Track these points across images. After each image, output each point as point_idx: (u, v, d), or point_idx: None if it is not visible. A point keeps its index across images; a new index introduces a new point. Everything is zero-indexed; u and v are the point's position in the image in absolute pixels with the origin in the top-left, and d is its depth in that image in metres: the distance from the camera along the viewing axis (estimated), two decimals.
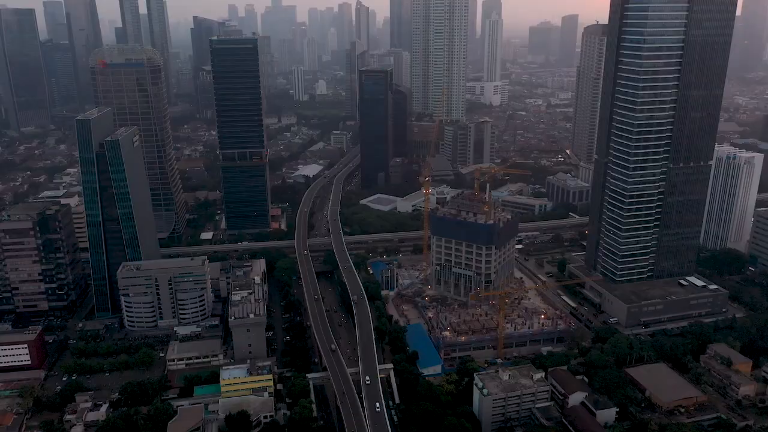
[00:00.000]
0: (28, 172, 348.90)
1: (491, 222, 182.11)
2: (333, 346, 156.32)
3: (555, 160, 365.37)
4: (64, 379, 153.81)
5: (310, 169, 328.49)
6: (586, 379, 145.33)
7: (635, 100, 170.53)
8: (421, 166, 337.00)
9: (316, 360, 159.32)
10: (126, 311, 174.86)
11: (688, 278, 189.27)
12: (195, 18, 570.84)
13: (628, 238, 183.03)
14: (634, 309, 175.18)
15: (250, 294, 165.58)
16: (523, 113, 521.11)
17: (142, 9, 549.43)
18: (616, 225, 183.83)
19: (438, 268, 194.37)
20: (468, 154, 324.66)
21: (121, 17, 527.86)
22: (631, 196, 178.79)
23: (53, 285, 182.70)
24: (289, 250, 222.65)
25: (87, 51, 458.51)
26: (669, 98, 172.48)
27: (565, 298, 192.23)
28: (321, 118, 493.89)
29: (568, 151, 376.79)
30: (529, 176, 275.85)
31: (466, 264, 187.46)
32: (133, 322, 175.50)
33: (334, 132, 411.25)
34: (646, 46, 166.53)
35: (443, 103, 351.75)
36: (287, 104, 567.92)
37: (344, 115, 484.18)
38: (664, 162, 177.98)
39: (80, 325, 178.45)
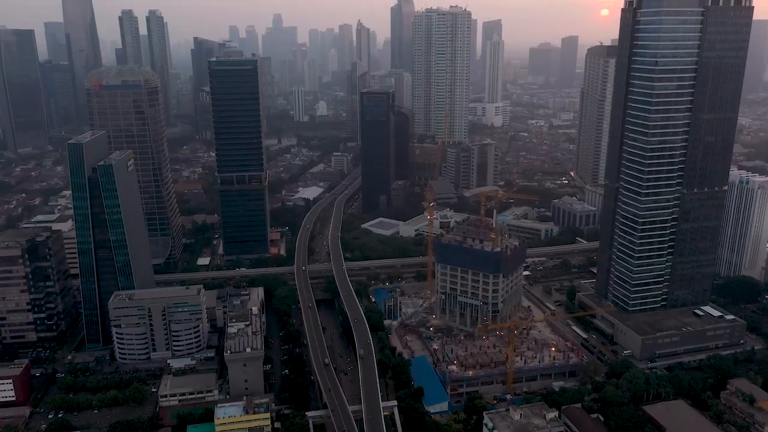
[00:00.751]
0: (23, 195, 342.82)
1: (498, 249, 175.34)
2: (326, 360, 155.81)
3: (559, 182, 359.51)
4: (50, 416, 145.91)
5: (311, 192, 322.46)
6: (601, 418, 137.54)
7: (647, 123, 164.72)
8: (423, 188, 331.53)
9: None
10: (117, 343, 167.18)
11: (703, 308, 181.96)
12: (195, 39, 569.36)
13: (640, 266, 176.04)
14: (649, 341, 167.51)
15: (247, 326, 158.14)
16: (525, 134, 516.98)
17: (143, 30, 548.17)
18: (629, 252, 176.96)
19: (443, 296, 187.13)
20: (471, 177, 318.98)
21: (121, 38, 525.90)
22: (644, 223, 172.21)
23: (42, 315, 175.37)
24: (289, 276, 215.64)
25: (86, 72, 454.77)
26: (682, 122, 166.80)
27: (575, 328, 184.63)
28: (321, 140, 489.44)
29: (572, 173, 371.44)
30: (537, 201, 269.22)
31: (472, 293, 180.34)
32: (124, 354, 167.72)
33: (335, 154, 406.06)
34: (658, 68, 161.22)
35: (447, 125, 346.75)
36: (287, 125, 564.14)
37: (345, 136, 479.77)
38: (677, 187, 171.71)
39: (69, 357, 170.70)
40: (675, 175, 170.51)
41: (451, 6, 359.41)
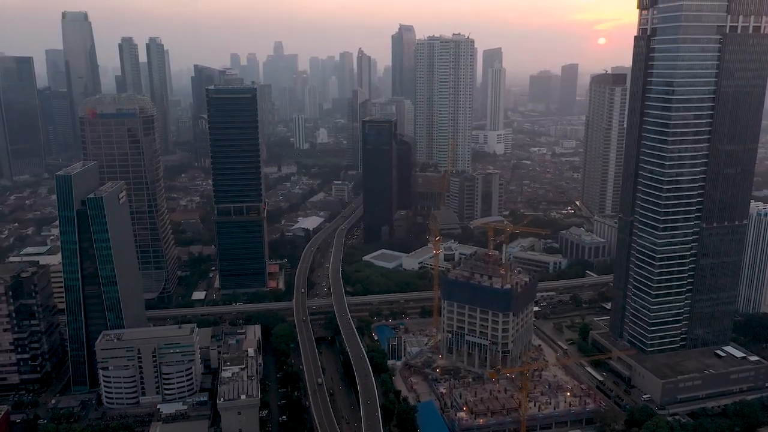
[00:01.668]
0: (16, 224, 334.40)
1: (508, 286, 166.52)
2: (320, 380, 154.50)
3: (565, 212, 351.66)
4: None
5: (310, 222, 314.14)
6: None
7: (664, 155, 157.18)
8: (425, 218, 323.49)
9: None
10: (104, 387, 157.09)
11: (725, 348, 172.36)
12: (196, 66, 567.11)
13: (658, 304, 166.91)
14: (670, 385, 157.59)
15: (242, 369, 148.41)
16: (528, 162, 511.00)
17: (143, 57, 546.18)
18: (645, 289, 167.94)
19: (449, 335, 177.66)
20: (475, 207, 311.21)
21: (121, 65, 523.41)
22: (662, 258, 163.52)
23: (26, 356, 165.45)
24: (287, 312, 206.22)
25: (85, 98, 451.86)
26: (700, 153, 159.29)
27: (589, 369, 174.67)
28: (322, 167, 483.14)
29: (577, 203, 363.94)
30: (547, 234, 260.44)
31: (480, 332, 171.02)
32: (112, 398, 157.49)
33: (336, 182, 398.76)
34: (675, 97, 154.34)
35: (452, 155, 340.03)
36: (287, 152, 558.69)
37: (345, 164, 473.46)
38: (696, 221, 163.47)
39: (53, 401, 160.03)
40: (693, 208, 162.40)
41: (453, 34, 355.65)
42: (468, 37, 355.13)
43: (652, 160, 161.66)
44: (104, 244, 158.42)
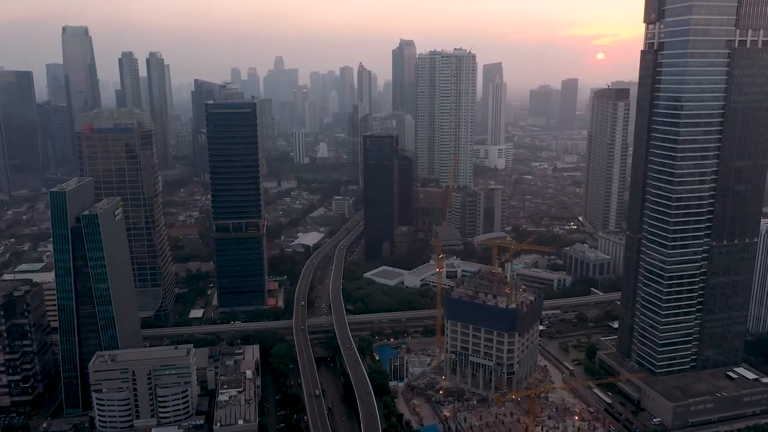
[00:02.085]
0: (13, 240, 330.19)
1: (514, 306, 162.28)
2: (317, 392, 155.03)
3: (568, 227, 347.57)
4: None
5: (311, 238, 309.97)
6: None
7: (673, 171, 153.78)
8: (427, 234, 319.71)
9: None
10: (98, 409, 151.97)
11: (736, 369, 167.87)
12: (196, 81, 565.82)
13: (667, 324, 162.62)
14: (681, 408, 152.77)
15: (240, 393, 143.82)
16: (530, 177, 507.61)
17: (143, 71, 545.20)
18: (654, 309, 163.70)
19: (453, 356, 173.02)
20: (478, 223, 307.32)
21: (120, 80, 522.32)
22: (671, 277, 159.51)
23: (17, 377, 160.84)
24: (286, 331, 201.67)
25: (83, 113, 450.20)
26: (709, 170, 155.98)
27: (597, 391, 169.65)
28: (322, 182, 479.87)
29: (580, 218, 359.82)
30: (554, 253, 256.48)
31: (485, 353, 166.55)
32: (105, 421, 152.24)
33: (336, 197, 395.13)
34: (683, 113, 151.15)
35: (454, 171, 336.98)
36: (287, 167, 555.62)
37: (346, 179, 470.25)
38: (705, 239, 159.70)
39: (45, 425, 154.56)
40: (703, 226, 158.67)
41: (455, 48, 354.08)
42: (470, 52, 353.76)
43: (660, 176, 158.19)
44: (99, 262, 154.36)
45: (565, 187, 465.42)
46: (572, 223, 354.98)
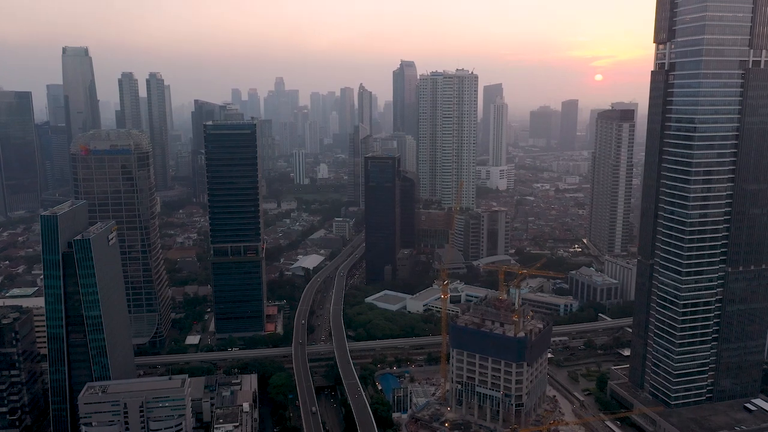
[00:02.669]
0: (7, 262, 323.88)
1: (522, 334, 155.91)
2: (314, 409, 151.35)
3: (572, 250, 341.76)
4: None
5: (311, 261, 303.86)
6: None
7: (687, 195, 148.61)
8: (429, 257, 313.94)
9: None
10: None
11: (754, 401, 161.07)
12: (196, 101, 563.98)
13: (683, 354, 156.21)
14: None
15: (236, 428, 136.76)
16: (532, 198, 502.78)
17: (143, 92, 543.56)
18: (669, 338, 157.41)
19: (459, 386, 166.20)
20: (481, 245, 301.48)
21: (120, 100, 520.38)
22: (686, 305, 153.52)
23: (4, 409, 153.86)
24: (285, 359, 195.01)
25: (78, 134, 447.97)
26: (724, 193, 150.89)
27: (609, 423, 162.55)
28: (322, 203, 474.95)
29: (585, 240, 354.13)
30: (561, 278, 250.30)
31: (492, 383, 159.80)
32: None
33: (336, 219, 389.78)
34: (697, 135, 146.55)
35: (459, 195, 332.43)
36: (287, 188, 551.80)
37: (346, 200, 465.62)
38: (720, 265, 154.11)
39: None
40: (718, 251, 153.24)
41: (457, 69, 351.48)
42: (472, 73, 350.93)
43: (673, 200, 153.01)
44: (91, 289, 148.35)
45: (568, 208, 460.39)
46: (576, 246, 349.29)
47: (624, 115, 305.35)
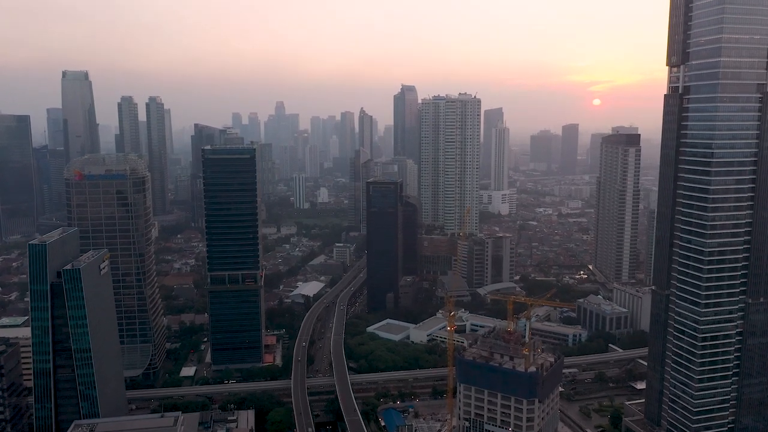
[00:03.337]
0: (0, 288, 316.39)
1: (533, 369, 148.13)
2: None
3: (578, 276, 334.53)
4: None
5: (311, 288, 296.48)
6: None
7: (704, 223, 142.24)
8: (432, 284, 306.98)
9: None
10: None
11: None
12: (196, 125, 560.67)
13: (702, 390, 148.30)
14: None
15: None
16: (535, 223, 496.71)
17: (143, 116, 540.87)
18: (687, 372, 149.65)
19: (467, 423, 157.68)
20: (485, 272, 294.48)
21: (119, 124, 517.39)
22: (705, 338, 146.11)
23: None
24: (284, 392, 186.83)
25: (72, 159, 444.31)
26: (743, 221, 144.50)
27: None
28: (322, 228, 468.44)
29: (590, 267, 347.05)
30: (572, 309, 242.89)
31: (502, 420, 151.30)
32: None
33: (337, 244, 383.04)
34: (714, 160, 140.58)
35: (467, 221, 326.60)
36: (287, 212, 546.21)
37: (347, 225, 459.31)
38: (741, 296, 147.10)
39: None
40: (738, 282, 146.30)
41: (459, 93, 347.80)
42: (475, 97, 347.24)
43: (689, 228, 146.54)
44: (80, 321, 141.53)
45: (571, 233, 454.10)
46: (582, 272, 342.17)
47: (630, 139, 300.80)
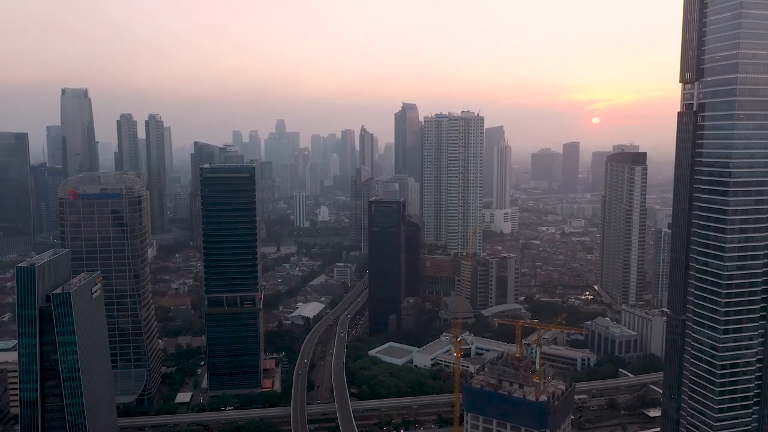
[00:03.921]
0: None
1: (544, 398, 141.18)
2: None
3: (584, 297, 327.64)
4: None
5: (311, 309, 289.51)
6: None
7: (723, 246, 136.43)
8: (435, 305, 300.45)
9: None
10: None
11: None
12: (196, 143, 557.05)
13: (723, 420, 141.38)
14: None
15: None
16: (538, 242, 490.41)
17: (142, 133, 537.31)
18: (706, 402, 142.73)
19: None
20: (490, 293, 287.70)
21: (118, 142, 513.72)
22: (724, 366, 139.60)
23: None
24: (283, 420, 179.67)
25: (66, 178, 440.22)
26: (763, 243, 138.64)
27: None
28: (323, 247, 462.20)
29: (596, 287, 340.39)
30: (584, 334, 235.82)
31: None
32: None
33: (338, 264, 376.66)
34: (732, 180, 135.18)
35: (474, 242, 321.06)
36: (287, 231, 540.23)
37: (348, 244, 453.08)
38: (761, 321, 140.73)
39: None
40: (758, 306, 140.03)
41: (462, 111, 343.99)
42: (478, 114, 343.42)
43: (707, 251, 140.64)
44: (70, 348, 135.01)
45: (575, 253, 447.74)
46: (588, 293, 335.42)
47: (636, 158, 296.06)
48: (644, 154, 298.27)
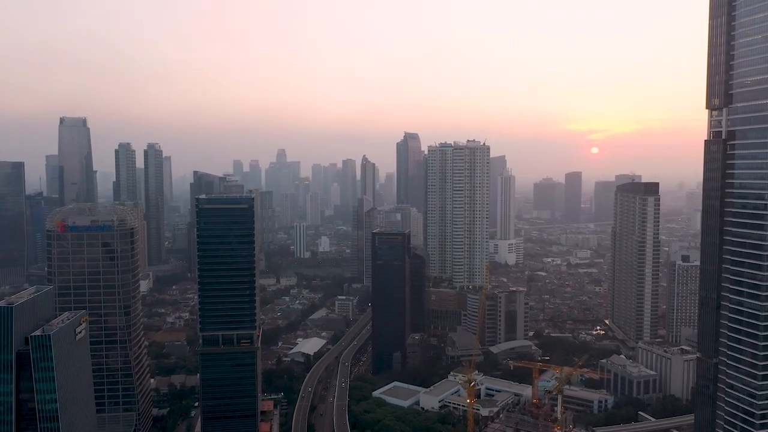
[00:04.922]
0: None
1: None
2: None
3: (595, 332, 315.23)
4: None
5: (311, 345, 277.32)
6: None
7: (759, 283, 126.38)
8: (441, 341, 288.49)
9: None
10: None
11: None
12: (195, 173, 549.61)
13: None
14: None
15: None
16: (543, 274, 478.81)
17: (141, 163, 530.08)
18: None
19: None
20: (498, 329, 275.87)
21: (116, 171, 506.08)
22: (764, 415, 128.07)
23: None
24: None
25: (54, 209, 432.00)
26: None
27: None
28: (324, 279, 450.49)
29: (607, 322, 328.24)
30: (604, 378, 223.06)
31: None
32: None
33: (339, 297, 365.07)
34: None
35: (487, 277, 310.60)
36: (287, 262, 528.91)
37: (349, 276, 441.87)
38: None
39: None
40: None
41: (468, 140, 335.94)
42: (483, 144, 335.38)
43: (741, 289, 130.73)
44: (49, 396, 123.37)
45: (583, 285, 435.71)
46: (599, 328, 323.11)
47: (648, 188, 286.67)
48: (657, 184, 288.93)
